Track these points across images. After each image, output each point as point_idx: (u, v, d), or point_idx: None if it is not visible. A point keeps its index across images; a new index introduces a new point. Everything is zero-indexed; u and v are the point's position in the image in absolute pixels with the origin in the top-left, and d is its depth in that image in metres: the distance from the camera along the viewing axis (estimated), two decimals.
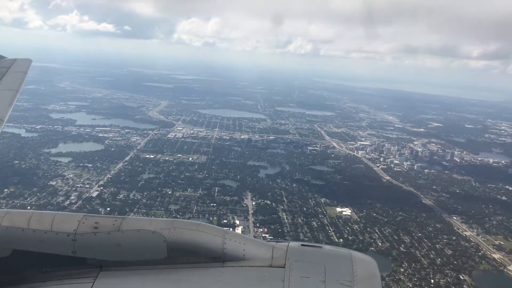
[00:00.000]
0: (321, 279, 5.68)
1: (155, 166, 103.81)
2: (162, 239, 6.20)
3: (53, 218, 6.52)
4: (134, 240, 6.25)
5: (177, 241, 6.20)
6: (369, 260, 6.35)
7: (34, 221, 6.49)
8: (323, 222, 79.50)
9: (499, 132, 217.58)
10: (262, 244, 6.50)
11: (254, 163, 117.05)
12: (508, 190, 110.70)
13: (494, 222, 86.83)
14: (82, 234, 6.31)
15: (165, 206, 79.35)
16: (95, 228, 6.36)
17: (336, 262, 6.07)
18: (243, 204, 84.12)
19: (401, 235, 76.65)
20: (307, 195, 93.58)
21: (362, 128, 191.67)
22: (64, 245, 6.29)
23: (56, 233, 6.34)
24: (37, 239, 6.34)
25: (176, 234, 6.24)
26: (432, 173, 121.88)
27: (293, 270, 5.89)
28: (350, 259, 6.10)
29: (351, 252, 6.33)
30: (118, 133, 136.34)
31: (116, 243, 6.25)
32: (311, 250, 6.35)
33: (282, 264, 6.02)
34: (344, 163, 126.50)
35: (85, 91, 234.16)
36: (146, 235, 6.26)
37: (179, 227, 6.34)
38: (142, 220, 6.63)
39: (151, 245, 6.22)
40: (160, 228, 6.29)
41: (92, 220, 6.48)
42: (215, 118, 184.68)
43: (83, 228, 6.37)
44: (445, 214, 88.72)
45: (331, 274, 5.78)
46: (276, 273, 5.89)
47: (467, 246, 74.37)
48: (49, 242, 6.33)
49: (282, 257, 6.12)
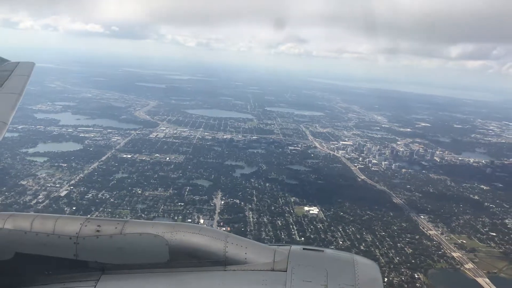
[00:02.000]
0: (322, 283, 5.65)
1: (130, 166, 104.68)
2: (164, 243, 6.22)
3: (55, 221, 6.53)
4: (136, 244, 6.29)
5: (179, 245, 6.22)
6: (371, 264, 6.39)
7: (37, 224, 6.49)
8: (288, 221, 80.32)
9: (486, 132, 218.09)
10: (263, 247, 6.48)
11: (231, 162, 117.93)
12: (482, 190, 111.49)
13: (461, 221, 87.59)
14: (84, 237, 6.32)
15: (132, 205, 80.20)
16: (97, 231, 6.37)
17: (338, 266, 6.05)
18: (211, 204, 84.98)
19: (364, 234, 77.46)
20: (278, 194, 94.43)
21: (348, 128, 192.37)
22: (67, 248, 6.31)
23: (59, 236, 6.35)
24: (40, 242, 6.35)
25: (178, 238, 6.26)
26: (409, 173, 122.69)
27: (294, 274, 5.86)
28: (352, 263, 6.10)
29: (353, 256, 6.34)
30: (100, 133, 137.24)
31: (118, 246, 6.28)
32: (313, 254, 6.36)
33: (283, 268, 6.01)
34: (322, 162, 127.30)
35: (75, 91, 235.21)
36: (148, 238, 6.28)
37: (181, 231, 6.36)
38: (144, 223, 6.63)
39: (153, 249, 6.25)
40: (162, 232, 6.32)
41: (94, 223, 6.51)
42: (202, 118, 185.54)
43: (85, 231, 6.38)
44: (413, 213, 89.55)
45: (333, 278, 5.74)
46: (277, 277, 5.87)
47: (429, 245, 75.13)
48: (52, 245, 6.33)
49: (284, 261, 6.11)
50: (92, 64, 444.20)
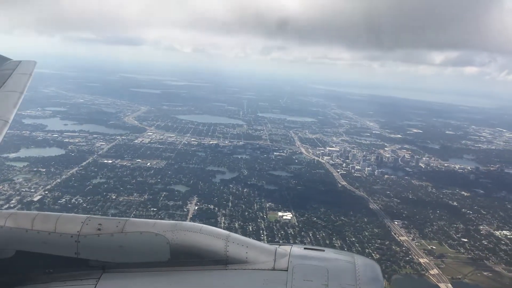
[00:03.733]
0: (323, 283, 5.68)
1: (110, 171, 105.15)
2: (165, 241, 6.27)
3: (57, 220, 6.57)
4: (137, 242, 6.32)
5: (180, 244, 6.27)
6: (372, 264, 6.42)
7: (38, 222, 6.52)
8: (260, 226, 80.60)
9: (478, 139, 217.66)
10: (264, 247, 6.54)
11: (213, 168, 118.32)
12: (462, 196, 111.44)
13: (435, 227, 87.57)
14: (85, 235, 6.36)
15: (104, 210, 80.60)
16: (99, 229, 6.41)
17: (339, 265, 6.08)
18: (184, 209, 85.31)
19: (334, 239, 77.58)
20: (254, 199, 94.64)
21: (337, 134, 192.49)
22: (68, 247, 6.34)
23: (60, 235, 6.39)
24: (41, 240, 6.38)
25: (179, 237, 6.31)
26: (392, 179, 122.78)
27: (295, 273, 5.90)
28: (353, 263, 6.13)
29: (354, 256, 6.37)
30: (85, 139, 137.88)
31: (119, 245, 6.32)
32: (314, 253, 6.41)
33: (284, 267, 6.04)
34: (305, 168, 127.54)
35: (68, 97, 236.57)
36: (149, 237, 6.34)
37: (182, 230, 6.41)
38: (145, 222, 6.68)
39: (154, 247, 6.29)
40: (163, 231, 6.36)
41: (95, 221, 6.55)
42: (191, 124, 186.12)
43: (86, 229, 6.42)
44: (387, 219, 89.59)
45: (334, 277, 5.77)
46: (278, 276, 5.90)
47: (397, 251, 75.16)
48: (53, 243, 6.37)
49: (285, 260, 6.15)
50: (89, 70, 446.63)
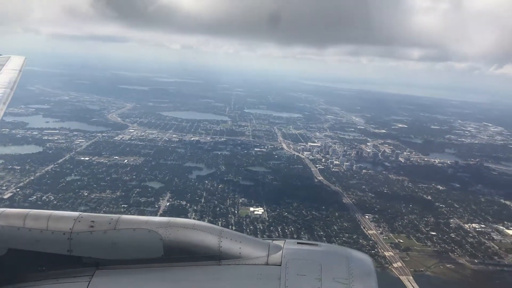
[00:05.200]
0: (317, 277, 5.71)
1: (85, 169, 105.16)
2: (158, 238, 6.26)
3: (49, 217, 6.51)
4: (130, 239, 6.30)
5: (173, 240, 6.25)
6: (365, 258, 6.44)
7: (30, 220, 6.46)
8: (230, 221, 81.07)
9: (462, 133, 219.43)
10: (258, 242, 6.55)
11: (191, 164, 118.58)
12: (437, 190, 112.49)
13: (405, 221, 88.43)
14: (78, 232, 6.32)
15: (74, 207, 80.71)
16: (91, 226, 6.37)
17: (332, 260, 6.11)
18: (156, 205, 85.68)
19: (302, 233, 78.20)
20: (228, 195, 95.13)
21: (321, 130, 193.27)
22: (60, 244, 6.30)
23: (52, 232, 6.33)
24: (33, 238, 6.33)
25: (172, 233, 6.29)
26: (369, 174, 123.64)
27: (289, 268, 5.91)
28: (346, 257, 6.16)
29: (347, 250, 6.41)
30: (65, 136, 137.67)
31: (112, 241, 6.29)
32: (307, 248, 6.42)
33: (278, 262, 6.05)
34: (284, 164, 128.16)
35: (53, 94, 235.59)
36: (142, 233, 6.32)
37: (175, 226, 6.39)
38: (138, 219, 6.67)
39: (147, 244, 6.28)
40: (156, 227, 6.35)
41: (88, 218, 6.51)
42: (175, 121, 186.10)
43: (79, 226, 6.37)
44: (358, 214, 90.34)
45: (327, 272, 5.80)
46: (272, 271, 5.92)
47: (363, 245, 75.85)
48: (45, 241, 6.33)
49: (278, 255, 6.17)
50: (78, 67, 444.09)
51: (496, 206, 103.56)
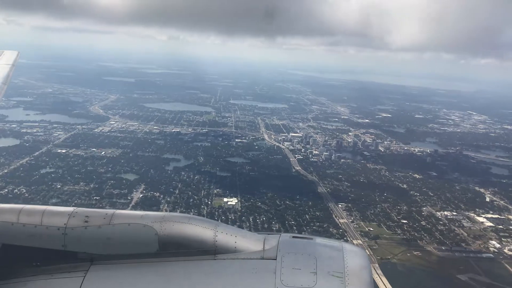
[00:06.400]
0: (312, 271, 5.71)
1: (61, 161, 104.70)
2: (153, 233, 6.24)
3: (43, 212, 6.48)
4: (125, 234, 6.28)
5: (168, 234, 6.23)
6: (360, 251, 6.47)
7: (24, 215, 6.44)
8: (202, 212, 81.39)
9: (446, 122, 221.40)
10: (253, 236, 6.53)
11: (169, 156, 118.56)
12: (414, 178, 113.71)
13: (377, 210, 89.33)
14: (72, 228, 6.30)
15: (46, 200, 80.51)
16: (86, 222, 6.36)
17: (327, 253, 6.11)
18: (128, 197, 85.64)
19: (273, 223, 78.81)
20: (203, 186, 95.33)
21: (305, 120, 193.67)
22: (55, 239, 6.27)
23: (47, 227, 6.31)
24: (27, 233, 6.30)
25: (167, 228, 6.27)
26: (347, 163, 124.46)
27: (284, 262, 5.92)
28: (341, 251, 6.16)
29: (342, 244, 6.40)
30: (44, 129, 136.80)
31: (107, 236, 6.27)
32: (303, 242, 6.41)
33: (273, 256, 6.05)
34: (263, 154, 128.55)
35: (36, 87, 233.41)
36: (137, 228, 6.30)
37: (170, 220, 6.36)
38: (133, 213, 6.67)
39: (142, 239, 6.25)
40: (151, 222, 6.33)
41: (82, 214, 6.49)
42: (158, 112, 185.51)
43: (73, 222, 6.35)
44: (331, 203, 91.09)
45: (323, 265, 5.81)
46: (267, 265, 5.92)
47: (333, 233, 76.60)
48: (40, 236, 6.30)
49: (274, 249, 6.17)
50: (64, 59, 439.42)
51: (470, 193, 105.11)
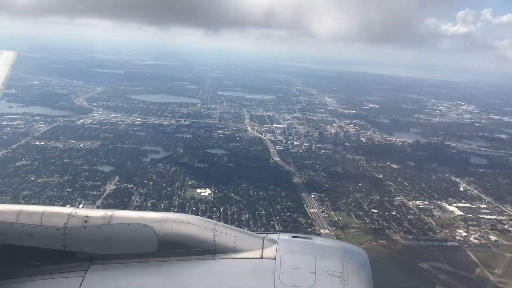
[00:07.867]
0: (311, 271, 5.73)
1: (38, 153, 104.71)
2: (152, 232, 6.27)
3: (42, 212, 6.53)
4: (124, 234, 6.32)
5: (168, 234, 6.26)
6: (359, 251, 6.53)
7: (23, 216, 6.48)
8: (173, 204, 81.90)
9: (432, 112, 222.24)
10: (252, 236, 6.56)
11: (148, 148, 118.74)
12: (391, 168, 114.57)
13: (349, 200, 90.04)
14: (72, 228, 6.35)
15: (17, 192, 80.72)
16: (85, 221, 6.40)
17: (326, 253, 6.15)
18: (101, 189, 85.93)
19: (243, 213, 79.48)
20: (178, 178, 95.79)
21: (291, 111, 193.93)
22: (54, 239, 6.31)
23: (46, 227, 6.36)
24: (27, 233, 6.34)
25: (167, 227, 6.30)
26: (327, 154, 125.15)
27: (283, 261, 5.94)
28: (341, 251, 6.19)
29: (341, 244, 6.45)
30: (25, 121, 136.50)
31: (106, 236, 6.31)
32: (302, 241, 6.45)
33: (272, 255, 6.07)
34: (244, 146, 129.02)
35: (22, 79, 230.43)
36: (136, 228, 6.34)
37: (169, 220, 6.40)
38: (132, 213, 6.70)
39: (141, 239, 6.29)
40: (150, 222, 6.36)
41: (82, 213, 6.54)
42: (143, 104, 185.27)
43: (73, 222, 6.40)
44: (305, 193, 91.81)
45: (322, 265, 5.84)
46: (266, 265, 5.95)
47: (302, 223, 77.49)
48: (39, 236, 6.34)
49: (273, 248, 6.18)
50: (55, 51, 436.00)
51: (445, 183, 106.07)
